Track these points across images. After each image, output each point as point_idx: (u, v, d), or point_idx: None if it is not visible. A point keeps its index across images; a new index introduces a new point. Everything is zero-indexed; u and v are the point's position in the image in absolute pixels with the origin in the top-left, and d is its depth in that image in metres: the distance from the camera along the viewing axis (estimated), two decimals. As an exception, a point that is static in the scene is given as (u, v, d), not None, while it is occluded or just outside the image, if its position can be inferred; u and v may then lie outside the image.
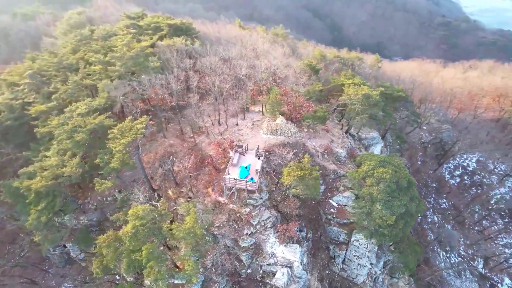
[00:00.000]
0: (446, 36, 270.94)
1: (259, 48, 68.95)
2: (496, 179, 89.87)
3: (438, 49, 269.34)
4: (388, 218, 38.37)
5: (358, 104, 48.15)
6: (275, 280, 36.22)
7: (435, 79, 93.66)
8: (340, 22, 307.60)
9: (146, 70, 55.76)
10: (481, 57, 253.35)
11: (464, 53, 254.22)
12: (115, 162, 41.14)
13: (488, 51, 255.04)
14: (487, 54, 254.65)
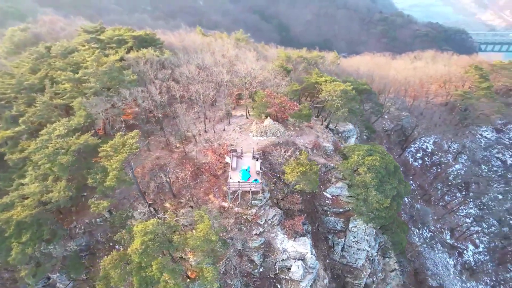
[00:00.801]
0: (385, 30, 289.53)
1: (229, 53, 70.00)
2: (451, 157, 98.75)
3: (379, 43, 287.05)
4: (384, 201, 41.57)
5: (337, 99, 51.20)
6: (292, 274, 37.67)
7: (390, 71, 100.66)
8: (287, 22, 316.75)
9: (123, 84, 54.59)
10: (417, 48, 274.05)
11: (402, 45, 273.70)
12: (111, 180, 40.11)
13: (422, 42, 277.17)
14: (422, 45, 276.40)
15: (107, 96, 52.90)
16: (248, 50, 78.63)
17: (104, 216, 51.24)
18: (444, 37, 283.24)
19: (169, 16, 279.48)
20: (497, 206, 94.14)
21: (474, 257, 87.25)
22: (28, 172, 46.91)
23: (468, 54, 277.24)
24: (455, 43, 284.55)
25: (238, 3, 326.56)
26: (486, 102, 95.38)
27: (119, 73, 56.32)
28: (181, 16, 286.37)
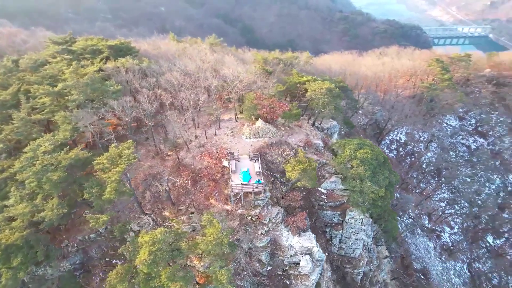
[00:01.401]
0: (346, 29, 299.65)
1: (208, 58, 70.25)
2: (423, 146, 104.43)
3: (342, 41, 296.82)
4: (379, 191, 43.76)
5: (323, 97, 53.03)
6: (301, 269, 38.74)
7: (361, 67, 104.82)
8: (251, 25, 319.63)
9: (107, 95, 53.45)
10: (377, 44, 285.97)
11: (363, 42, 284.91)
12: (110, 193, 39.35)
13: (382, 38, 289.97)
14: (382, 41, 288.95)
15: (92, 108, 51.64)
16: (226, 54, 79.25)
17: (98, 232, 49.93)
18: (401, 33, 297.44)
19: (132, 24, 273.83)
20: (466, 188, 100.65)
21: (451, 238, 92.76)
22: (12, 193, 45.00)
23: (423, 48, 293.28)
24: (412, 38, 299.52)
25: (201, 8, 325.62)
26: (449, 93, 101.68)
27: (101, 84, 55.13)
28: (143, 23, 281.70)
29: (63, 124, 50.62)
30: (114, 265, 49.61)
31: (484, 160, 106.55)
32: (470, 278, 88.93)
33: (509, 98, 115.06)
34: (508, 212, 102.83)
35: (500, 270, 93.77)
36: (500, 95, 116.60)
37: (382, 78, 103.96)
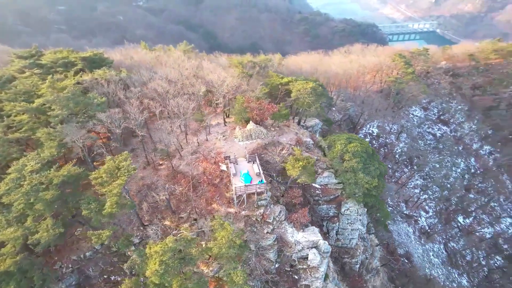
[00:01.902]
0: (307, 29, 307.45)
1: (186, 65, 70.22)
2: (394, 137, 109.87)
3: (303, 42, 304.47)
4: (372, 181, 46.08)
5: (308, 96, 54.87)
6: (310, 262, 39.98)
7: (331, 66, 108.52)
8: (213, 30, 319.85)
9: (92, 108, 52.06)
10: (337, 43, 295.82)
11: (324, 41, 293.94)
12: (112, 207, 38.56)
13: (341, 37, 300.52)
14: (341, 40, 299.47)
15: (78, 122, 50.14)
16: (202, 60, 79.44)
17: (94, 249, 48.46)
18: (359, 31, 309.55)
19: (89, 34, 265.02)
20: (436, 174, 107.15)
21: (427, 221, 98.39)
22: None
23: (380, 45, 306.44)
24: (369, 35, 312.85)
25: (161, 15, 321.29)
26: (413, 85, 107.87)
27: (84, 97, 53.61)
28: (102, 33, 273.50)
29: (48, 141, 48.85)
30: (114, 282, 48.54)
31: (449, 146, 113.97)
32: (447, 257, 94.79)
33: (464, 87, 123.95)
34: (474, 193, 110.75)
35: (471, 246, 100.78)
36: (456, 85, 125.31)
37: (351, 75, 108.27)
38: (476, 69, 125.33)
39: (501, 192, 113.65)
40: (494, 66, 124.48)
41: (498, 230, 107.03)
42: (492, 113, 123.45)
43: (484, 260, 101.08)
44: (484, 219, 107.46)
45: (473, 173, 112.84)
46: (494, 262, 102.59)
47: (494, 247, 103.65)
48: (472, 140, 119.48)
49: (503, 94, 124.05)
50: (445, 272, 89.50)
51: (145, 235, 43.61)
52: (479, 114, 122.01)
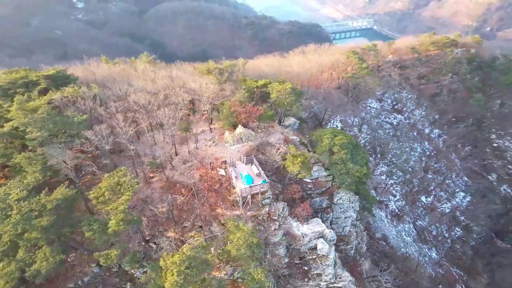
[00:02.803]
0: (255, 33, 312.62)
1: (153, 75, 69.73)
2: (357, 130, 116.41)
3: (253, 45, 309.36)
4: (362, 170, 49.37)
5: (290, 96, 57.19)
6: (319, 251, 42.01)
7: (292, 66, 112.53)
8: (160, 40, 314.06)
9: (72, 127, 49.96)
10: (286, 45, 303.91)
11: (273, 43, 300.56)
12: (118, 225, 37.69)
13: (288, 39, 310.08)
14: (289, 41, 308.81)
15: (60, 143, 47.93)
16: (170, 70, 79.00)
17: (92, 273, 46.62)
18: (304, 32, 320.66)
19: (27, 51, 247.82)
20: (398, 160, 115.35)
21: (396, 204, 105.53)
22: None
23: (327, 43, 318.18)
24: (314, 35, 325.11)
25: (103, 28, 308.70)
26: (369, 79, 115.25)
27: (62, 116, 51.29)
28: (40, 49, 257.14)
29: (29, 166, 46.27)
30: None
31: (405, 133, 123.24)
32: (417, 235, 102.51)
33: (411, 78, 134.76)
34: (431, 173, 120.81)
35: (435, 222, 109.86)
36: (404, 76, 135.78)
37: (311, 74, 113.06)
38: (419, 61, 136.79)
39: (452, 170, 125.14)
40: (434, 57, 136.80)
41: (455, 204, 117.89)
42: (437, 99, 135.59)
43: (446, 232, 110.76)
44: (442, 195, 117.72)
45: (429, 155, 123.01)
46: (454, 233, 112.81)
47: (453, 219, 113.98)
48: (424, 125, 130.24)
49: (443, 81, 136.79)
50: (417, 249, 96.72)
51: (148, 250, 42.93)
52: (426, 101, 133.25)
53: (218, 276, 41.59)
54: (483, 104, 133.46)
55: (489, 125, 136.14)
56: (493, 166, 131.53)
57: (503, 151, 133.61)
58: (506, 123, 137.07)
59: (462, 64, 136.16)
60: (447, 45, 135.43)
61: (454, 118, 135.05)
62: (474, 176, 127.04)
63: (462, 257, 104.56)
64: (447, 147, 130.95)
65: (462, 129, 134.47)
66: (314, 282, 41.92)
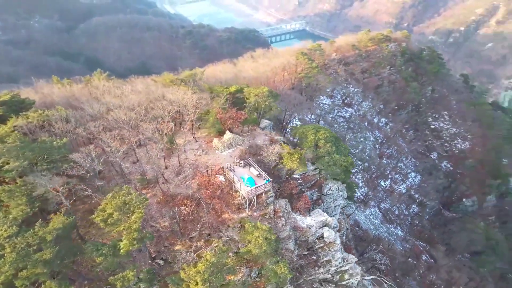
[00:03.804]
0: (194, 42, 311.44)
1: (123, 92, 68.02)
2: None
3: (193, 55, 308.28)
4: (347, 159, 53.11)
5: (267, 99, 59.38)
6: (326, 239, 44.55)
7: (249, 71, 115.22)
8: (95, 56, 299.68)
9: (52, 152, 47.07)
10: (227, 51, 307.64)
11: (214, 51, 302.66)
12: (132, 244, 36.86)
13: (228, 45, 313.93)
14: (230, 48, 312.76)
15: (44, 171, 44.96)
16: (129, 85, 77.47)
17: (97, 299, 44.39)
18: (243, 38, 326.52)
19: None
20: (355, 150, 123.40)
21: (361, 191, 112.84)
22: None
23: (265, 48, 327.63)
24: (252, 40, 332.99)
25: (28, 48, 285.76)
26: (320, 77, 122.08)
27: (38, 143, 48.06)
28: None
29: (12, 200, 42.97)
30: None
31: (358, 125, 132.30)
32: (383, 216, 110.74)
33: (356, 73, 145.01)
34: (385, 158, 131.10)
35: (396, 203, 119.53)
36: (349, 71, 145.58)
37: (267, 77, 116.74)
38: (360, 56, 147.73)
39: (402, 153, 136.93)
40: (372, 52, 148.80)
41: (409, 184, 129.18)
42: (380, 91, 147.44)
43: (406, 210, 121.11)
44: (398, 178, 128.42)
45: (381, 143, 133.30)
46: (412, 210, 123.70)
47: (410, 198, 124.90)
48: (372, 116, 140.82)
49: (383, 74, 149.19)
50: (386, 229, 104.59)
51: (156, 267, 42.28)
52: (371, 93, 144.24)
53: (234, 280, 42.25)
54: (418, 91, 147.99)
55: (425, 109, 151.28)
56: (433, 145, 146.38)
57: (439, 131, 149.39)
58: (438, 106, 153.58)
59: (396, 57, 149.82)
60: (382, 41, 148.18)
61: (397, 106, 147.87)
62: (420, 157, 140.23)
63: (422, 231, 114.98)
64: (394, 133, 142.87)
65: (404, 116, 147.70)
66: (324, 269, 44.45)
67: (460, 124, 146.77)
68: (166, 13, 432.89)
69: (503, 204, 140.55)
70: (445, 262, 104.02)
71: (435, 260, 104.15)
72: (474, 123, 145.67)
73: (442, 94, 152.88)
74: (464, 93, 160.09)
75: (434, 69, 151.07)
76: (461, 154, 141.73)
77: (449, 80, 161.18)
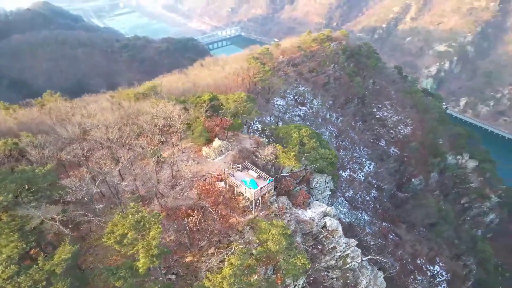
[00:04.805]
0: (131, 55, 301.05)
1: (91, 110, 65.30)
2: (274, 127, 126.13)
3: (132, 68, 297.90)
4: (332, 152, 56.56)
5: (246, 103, 60.89)
6: (329, 227, 47.22)
7: (207, 78, 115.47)
8: (21, 78, 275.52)
9: (37, 181, 43.85)
10: (167, 62, 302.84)
11: (153, 63, 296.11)
12: (152, 261, 36.18)
13: (168, 56, 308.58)
14: (170, 58, 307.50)
15: (32, 202, 41.76)
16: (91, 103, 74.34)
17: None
18: (182, 47, 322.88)
19: None
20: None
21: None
22: None
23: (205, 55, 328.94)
24: (192, 49, 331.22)
25: None
26: (274, 80, 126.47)
27: (19, 172, 44.43)
28: None
29: (1, 237, 39.56)
30: None
31: (312, 121, 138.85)
32: (349, 205, 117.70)
33: (304, 72, 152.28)
34: (342, 150, 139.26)
35: (357, 191, 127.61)
36: (298, 71, 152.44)
37: (224, 83, 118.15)
38: (306, 57, 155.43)
39: (355, 144, 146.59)
40: (317, 51, 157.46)
41: (366, 171, 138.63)
42: (328, 87, 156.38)
43: (367, 196, 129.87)
44: (355, 167, 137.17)
45: (336, 136, 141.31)
46: (372, 195, 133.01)
47: (369, 184, 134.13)
48: (324, 112, 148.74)
49: (329, 71, 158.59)
50: (354, 216, 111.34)
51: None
52: (320, 91, 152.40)
53: (252, 280, 43.13)
54: (361, 85, 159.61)
55: (370, 101, 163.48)
56: (381, 133, 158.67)
57: (384, 120, 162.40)
58: (380, 97, 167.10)
59: (339, 55, 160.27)
60: (324, 41, 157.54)
61: (344, 100, 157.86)
62: (371, 145, 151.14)
63: (385, 212, 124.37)
64: (346, 126, 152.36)
65: (352, 109, 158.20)
66: (330, 256, 47.20)
67: (400, 111, 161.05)
68: (96, 27, 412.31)
69: (443, 179, 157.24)
70: (409, 238, 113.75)
71: (400, 237, 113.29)
72: (412, 109, 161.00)
73: (382, 85, 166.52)
74: (400, 83, 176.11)
75: (373, 63, 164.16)
76: (405, 138, 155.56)
77: (386, 72, 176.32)
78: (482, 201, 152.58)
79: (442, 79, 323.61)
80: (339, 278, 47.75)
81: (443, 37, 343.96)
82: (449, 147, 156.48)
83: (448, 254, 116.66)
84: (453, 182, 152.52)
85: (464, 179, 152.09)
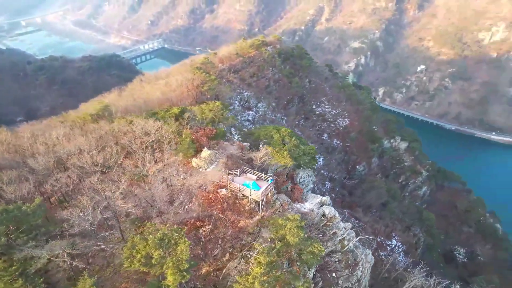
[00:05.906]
0: (50, 77, 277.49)
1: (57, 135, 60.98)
2: (228, 134, 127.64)
3: (53, 91, 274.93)
4: (312, 147, 60.39)
5: (223, 111, 61.94)
6: (328, 215, 50.80)
7: (156, 92, 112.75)
8: None
9: (27, 219, 40.10)
10: (93, 81, 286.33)
11: (76, 84, 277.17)
12: (183, 277, 36.00)
13: (92, 74, 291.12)
14: (94, 76, 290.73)
15: (25, 243, 38.10)
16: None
17: None
18: (106, 64, 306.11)
19: None
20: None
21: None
22: None
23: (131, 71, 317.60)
24: (117, 65, 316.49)
25: None
26: (221, 87, 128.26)
27: (3, 212, 40.06)
28: None
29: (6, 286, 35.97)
30: None
31: (261, 124, 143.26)
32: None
33: (246, 78, 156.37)
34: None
35: (314, 183, 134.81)
36: (240, 77, 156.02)
37: (172, 96, 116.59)
38: (245, 63, 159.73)
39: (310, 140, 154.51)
40: (255, 57, 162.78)
41: (318, 164, 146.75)
42: (269, 90, 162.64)
43: (323, 188, 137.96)
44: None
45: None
46: (327, 186, 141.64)
47: (323, 176, 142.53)
48: (270, 114, 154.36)
49: (268, 75, 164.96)
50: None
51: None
52: (263, 94, 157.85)
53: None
54: (299, 85, 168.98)
55: (309, 99, 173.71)
56: (323, 128, 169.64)
57: (324, 115, 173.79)
58: (317, 94, 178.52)
59: (275, 58, 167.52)
60: (260, 46, 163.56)
61: (286, 101, 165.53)
62: (317, 140, 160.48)
63: (342, 200, 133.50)
64: (291, 125, 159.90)
65: (294, 108, 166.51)
66: (332, 241, 50.75)
67: (337, 105, 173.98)
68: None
69: (382, 162, 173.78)
70: (367, 219, 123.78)
71: (359, 220, 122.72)
72: (347, 102, 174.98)
73: (317, 83, 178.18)
74: (332, 79, 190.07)
75: (306, 63, 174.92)
76: (345, 130, 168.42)
77: (319, 71, 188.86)
78: (415, 177, 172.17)
79: (361, 72, 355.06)
80: (341, 261, 51.62)
81: (356, 35, 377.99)
82: (383, 133, 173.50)
83: (400, 228, 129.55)
84: (390, 163, 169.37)
85: (399, 159, 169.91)
